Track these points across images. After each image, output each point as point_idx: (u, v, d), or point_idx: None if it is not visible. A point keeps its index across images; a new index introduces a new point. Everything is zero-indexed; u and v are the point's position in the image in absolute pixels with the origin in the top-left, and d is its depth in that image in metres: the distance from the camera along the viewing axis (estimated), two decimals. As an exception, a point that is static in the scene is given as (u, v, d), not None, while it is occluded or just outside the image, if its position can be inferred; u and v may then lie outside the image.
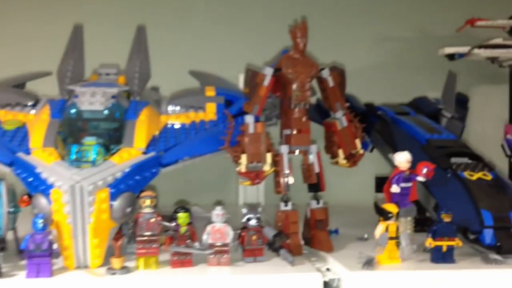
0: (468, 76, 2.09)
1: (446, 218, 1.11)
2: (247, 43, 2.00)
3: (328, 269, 1.12)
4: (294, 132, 1.23)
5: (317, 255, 1.22)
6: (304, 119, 1.23)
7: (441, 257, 1.12)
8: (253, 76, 1.22)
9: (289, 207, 1.23)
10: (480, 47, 1.77)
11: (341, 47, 2.04)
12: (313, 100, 1.51)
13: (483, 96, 2.12)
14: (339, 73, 1.29)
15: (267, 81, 1.21)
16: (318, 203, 1.26)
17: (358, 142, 1.32)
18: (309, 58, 1.24)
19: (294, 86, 1.21)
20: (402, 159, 1.21)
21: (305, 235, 1.27)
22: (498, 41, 1.79)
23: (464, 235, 1.18)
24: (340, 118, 1.30)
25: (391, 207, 1.11)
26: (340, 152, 1.30)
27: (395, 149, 1.43)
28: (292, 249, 1.18)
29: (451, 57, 1.81)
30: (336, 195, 1.73)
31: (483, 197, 1.20)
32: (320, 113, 1.50)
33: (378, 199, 1.21)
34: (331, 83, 1.27)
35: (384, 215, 1.11)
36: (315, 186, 1.26)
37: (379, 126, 1.56)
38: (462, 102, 1.83)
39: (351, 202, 1.80)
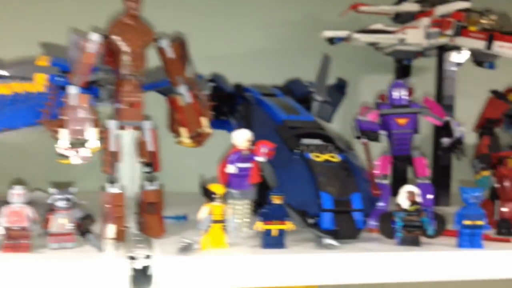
0: (358, 63, 2.06)
1: (276, 200, 1.03)
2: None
3: (148, 256, 1.02)
4: (125, 106, 1.12)
5: (148, 241, 1.11)
6: (137, 91, 1.12)
7: (272, 241, 1.04)
8: (77, 42, 1.09)
9: (116, 189, 1.11)
10: (360, 32, 1.72)
11: (227, 31, 1.95)
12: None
13: (371, 84, 2.09)
14: (180, 43, 1.18)
15: (92, 48, 1.09)
16: (152, 184, 1.15)
17: (204, 120, 1.22)
18: (144, 25, 1.12)
19: (125, 55, 1.10)
20: (240, 137, 1.12)
21: (138, 219, 1.16)
22: (379, 26, 1.75)
23: (304, 219, 1.11)
24: (184, 94, 1.20)
25: (217, 188, 1.02)
26: (184, 131, 1.20)
27: (253, 130, 1.36)
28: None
29: (331, 41, 1.75)
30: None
31: (325, 180, 1.13)
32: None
33: (206, 180, 1.12)
34: (170, 54, 1.16)
35: (208, 196, 1.02)
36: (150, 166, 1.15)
37: (242, 108, 1.48)
38: (340, 87, 1.79)
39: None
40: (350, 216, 1.10)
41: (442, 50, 1.68)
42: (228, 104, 1.53)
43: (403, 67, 1.85)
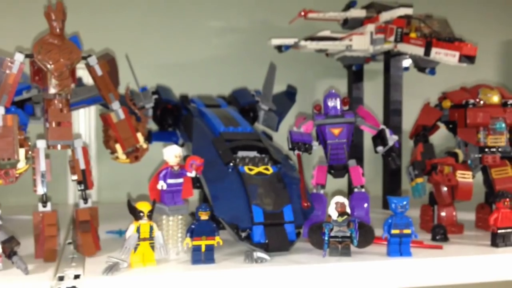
0: (314, 69, 2.07)
1: (203, 216, 1.03)
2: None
3: (77, 276, 1.02)
4: (53, 125, 1.11)
5: (82, 260, 1.11)
6: (65, 110, 1.11)
7: (201, 257, 1.04)
8: (1, 63, 1.09)
9: (48, 208, 1.11)
10: (307, 39, 1.73)
11: (179, 40, 1.94)
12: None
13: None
14: (108, 61, 1.18)
15: (16, 68, 1.08)
16: (86, 202, 1.15)
17: (140, 136, 1.23)
18: (70, 43, 1.12)
19: (50, 74, 1.10)
20: (170, 153, 1.12)
21: (73, 238, 1.16)
22: (326, 33, 1.76)
23: (237, 232, 1.12)
24: (116, 110, 1.20)
25: (143, 206, 1.02)
26: (118, 147, 1.20)
27: (193, 142, 1.36)
28: (44, 254, 1.07)
29: (279, 48, 1.76)
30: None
31: (257, 193, 1.13)
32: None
33: (132, 198, 1.12)
34: (99, 71, 1.16)
35: (135, 214, 1.02)
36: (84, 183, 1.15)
37: (185, 119, 1.48)
38: (290, 94, 1.81)
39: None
40: (283, 228, 1.11)
41: (389, 55, 1.70)
42: (174, 115, 1.53)
43: (355, 72, 1.86)
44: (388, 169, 1.68)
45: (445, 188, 1.27)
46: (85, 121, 1.80)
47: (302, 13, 1.80)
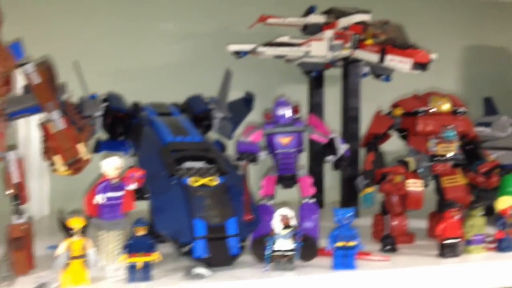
0: (276, 74, 2.04)
1: (140, 231, 1.00)
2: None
3: (5, 297, 0.97)
4: (-15, 136, 1.07)
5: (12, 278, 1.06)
6: (-3, 121, 1.07)
7: (137, 275, 1.00)
8: None
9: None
10: (266, 45, 1.71)
11: (138, 45, 1.90)
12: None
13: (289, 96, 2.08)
14: (47, 68, 1.14)
15: None
16: (20, 217, 1.10)
17: (81, 146, 1.18)
18: (5, 49, 1.07)
19: (-18, 83, 1.05)
20: (109, 165, 1.08)
21: (7, 255, 1.11)
22: (284, 39, 1.74)
23: (178, 247, 1.08)
24: (55, 120, 1.15)
25: (74, 222, 0.98)
26: (58, 159, 1.16)
27: (140, 152, 1.32)
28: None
29: (237, 54, 1.73)
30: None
31: (199, 206, 1.09)
32: None
33: (65, 213, 1.08)
34: (36, 79, 1.12)
35: (66, 231, 0.98)
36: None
37: (135, 128, 1.44)
38: (247, 101, 1.77)
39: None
40: (224, 242, 1.07)
41: (347, 62, 1.68)
42: (125, 124, 1.49)
43: (315, 78, 1.84)
44: (345, 177, 1.66)
45: (395, 197, 1.25)
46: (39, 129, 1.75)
47: (262, 19, 1.78)
